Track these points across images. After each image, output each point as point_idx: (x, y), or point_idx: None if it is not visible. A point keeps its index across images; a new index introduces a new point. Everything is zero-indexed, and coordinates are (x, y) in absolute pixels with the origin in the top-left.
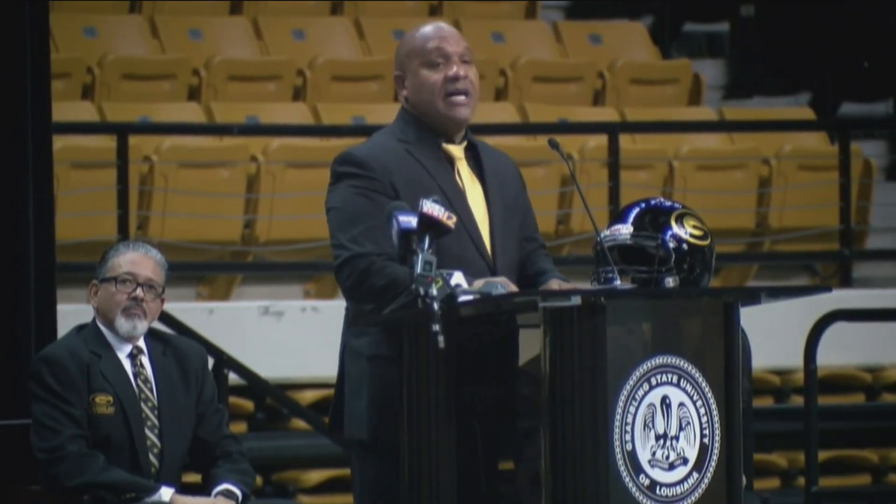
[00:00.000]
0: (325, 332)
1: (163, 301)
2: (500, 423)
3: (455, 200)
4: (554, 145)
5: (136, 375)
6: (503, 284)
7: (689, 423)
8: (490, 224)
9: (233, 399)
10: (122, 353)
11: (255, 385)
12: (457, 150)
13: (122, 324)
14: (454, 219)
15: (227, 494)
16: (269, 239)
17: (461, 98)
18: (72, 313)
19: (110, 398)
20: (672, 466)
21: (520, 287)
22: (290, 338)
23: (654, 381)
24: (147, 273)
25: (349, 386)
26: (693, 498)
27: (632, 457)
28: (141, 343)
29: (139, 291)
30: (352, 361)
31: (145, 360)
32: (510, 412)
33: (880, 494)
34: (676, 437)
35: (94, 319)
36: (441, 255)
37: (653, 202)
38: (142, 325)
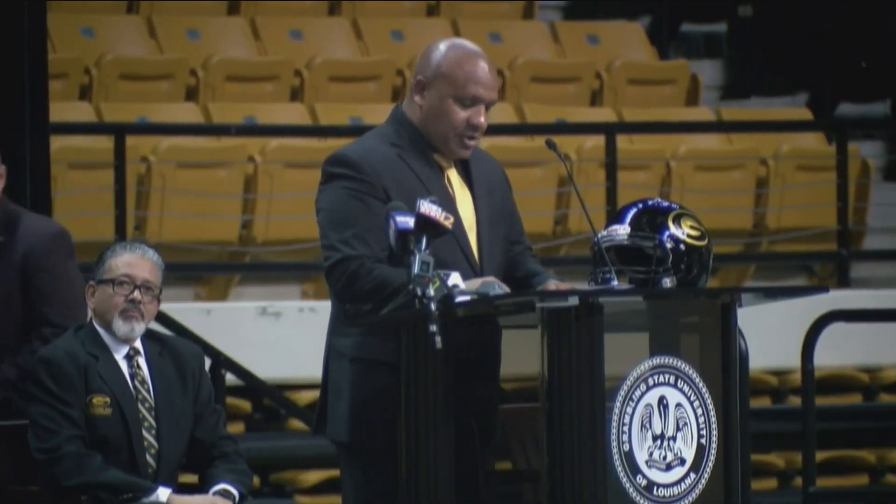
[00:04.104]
0: (323, 333)
1: (160, 302)
2: (497, 424)
3: (445, 207)
4: (551, 146)
5: (133, 377)
6: (500, 285)
7: (686, 424)
8: (478, 231)
9: (230, 399)
10: (119, 354)
11: (252, 385)
12: (446, 159)
13: (120, 326)
14: (451, 219)
15: (225, 494)
16: (267, 239)
17: (472, 143)
18: None
19: (108, 399)
20: (669, 467)
21: (510, 289)
22: (288, 338)
23: (651, 382)
24: (144, 275)
25: (331, 387)
26: (690, 498)
27: (629, 457)
28: (138, 344)
29: (136, 294)
30: (335, 362)
31: (142, 361)
32: (508, 413)
33: (878, 495)
34: (674, 438)
35: (91, 320)
36: None
37: (650, 202)
38: (139, 327)
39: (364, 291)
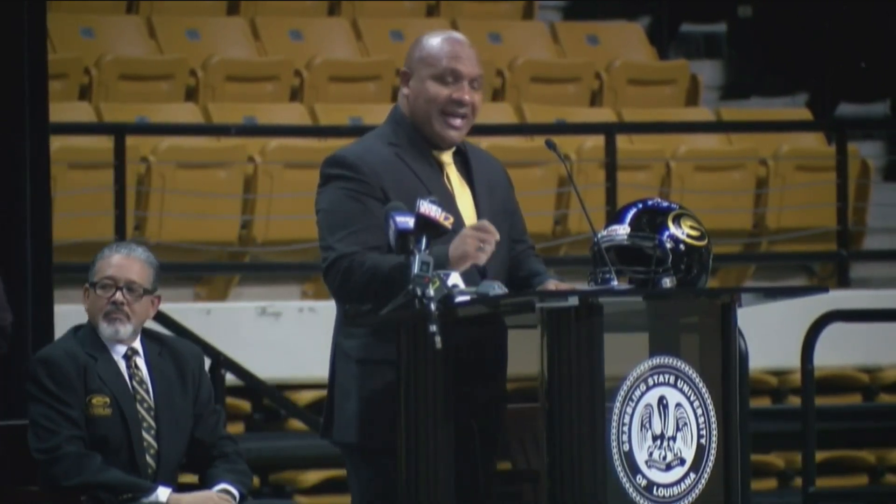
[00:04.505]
0: (323, 333)
1: (157, 300)
2: (497, 424)
3: (445, 205)
4: (551, 146)
5: (131, 377)
6: (499, 285)
7: (686, 424)
8: None
9: (230, 399)
10: (118, 354)
11: (252, 385)
12: (446, 156)
13: (105, 328)
14: (451, 219)
15: (225, 494)
16: (267, 239)
17: (457, 121)
18: (68, 314)
19: (107, 399)
20: (669, 467)
21: (511, 289)
22: (288, 338)
23: (651, 382)
24: (129, 275)
25: (339, 389)
26: (690, 498)
27: (629, 457)
28: (136, 344)
29: (118, 295)
30: (342, 364)
31: (141, 361)
32: (507, 413)
33: (877, 495)
34: (673, 438)
35: (89, 321)
36: None
37: (650, 203)
38: (124, 329)
39: (359, 285)
